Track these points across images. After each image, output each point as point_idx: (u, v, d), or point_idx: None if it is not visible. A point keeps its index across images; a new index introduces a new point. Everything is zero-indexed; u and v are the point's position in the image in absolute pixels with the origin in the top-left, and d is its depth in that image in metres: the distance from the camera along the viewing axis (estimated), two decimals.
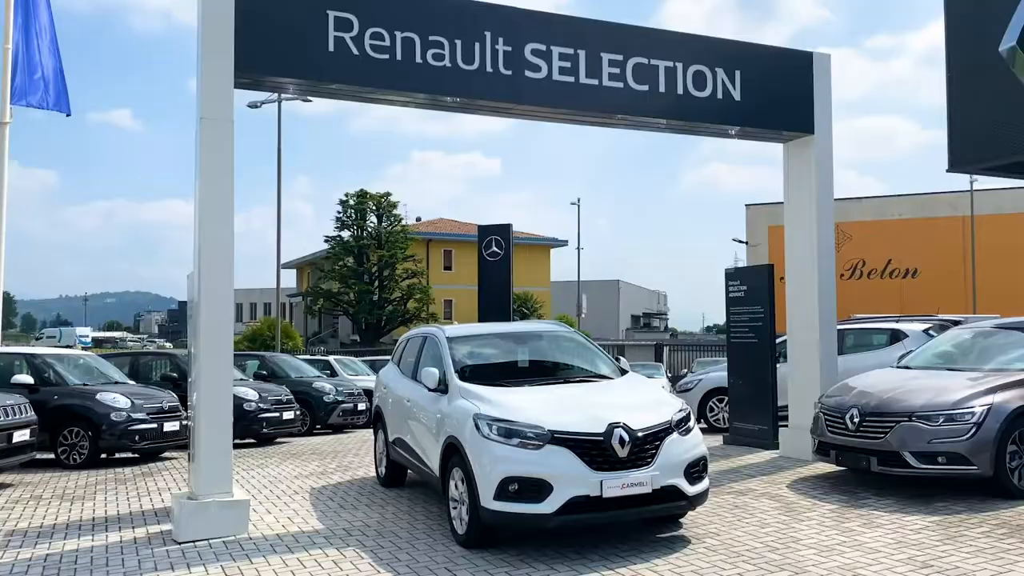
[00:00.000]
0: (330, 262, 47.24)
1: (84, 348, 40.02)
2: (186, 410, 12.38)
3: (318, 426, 16.62)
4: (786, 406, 10.65)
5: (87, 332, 75.96)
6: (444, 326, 8.22)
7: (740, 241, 41.31)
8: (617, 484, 5.91)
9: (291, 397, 14.94)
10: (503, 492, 5.97)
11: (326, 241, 47.05)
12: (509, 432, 6.10)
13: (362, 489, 9.06)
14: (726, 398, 12.35)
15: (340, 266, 46.27)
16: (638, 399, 6.73)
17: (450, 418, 6.77)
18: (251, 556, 6.42)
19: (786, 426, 10.27)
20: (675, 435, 6.29)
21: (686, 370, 27.57)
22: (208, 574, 6.01)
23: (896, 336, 12.38)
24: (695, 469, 6.32)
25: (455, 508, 6.59)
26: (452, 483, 6.63)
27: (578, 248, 48.70)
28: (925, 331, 12.30)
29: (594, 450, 5.98)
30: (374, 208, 46.95)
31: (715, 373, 13.41)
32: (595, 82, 8.81)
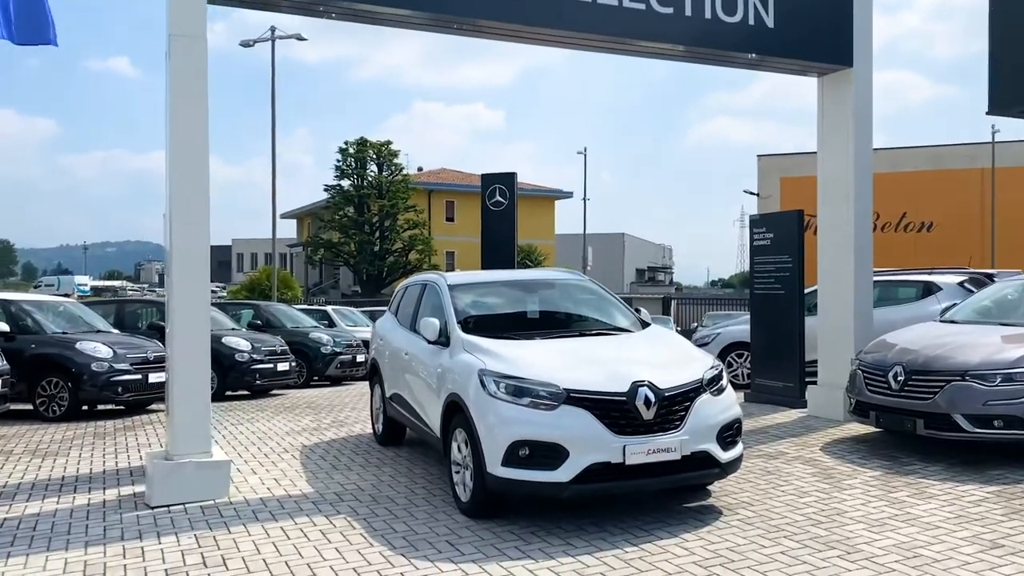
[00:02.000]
0: (330, 212, 46.38)
1: (81, 297, 39.37)
2: None
3: (315, 378, 16.00)
4: (813, 362, 9.93)
5: (86, 281, 75.25)
6: (446, 273, 7.45)
7: (751, 193, 40.35)
8: (642, 450, 5.20)
9: (286, 348, 14.28)
10: (512, 457, 5.26)
11: (326, 190, 46.18)
12: (519, 390, 5.37)
13: (357, 447, 8.38)
14: (746, 353, 11.62)
15: (340, 216, 45.41)
16: (664, 354, 5.98)
17: (452, 373, 6.04)
18: (230, 524, 5.75)
19: (814, 383, 9.55)
20: (707, 395, 5.56)
21: (696, 324, 26.85)
22: (179, 545, 5.33)
23: (929, 289, 11.59)
24: (729, 433, 5.61)
25: (458, 472, 5.90)
26: (455, 445, 5.93)
27: (584, 199, 47.83)
28: (960, 284, 11.52)
29: (616, 411, 5.26)
30: (374, 157, 45.94)
31: (735, 327, 12.66)
32: (614, 2, 7.91)
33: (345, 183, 45.94)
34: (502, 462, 5.28)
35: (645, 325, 6.72)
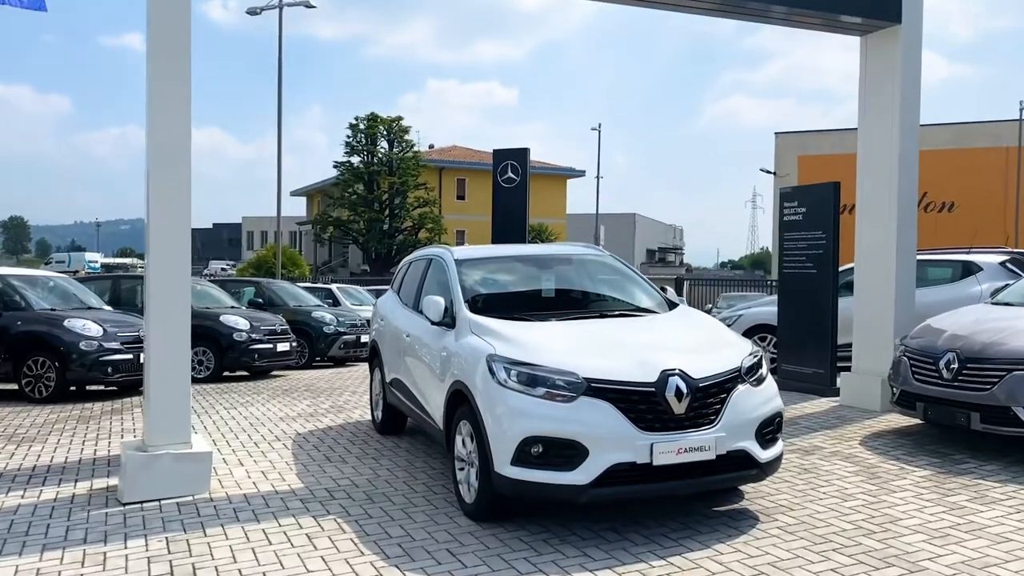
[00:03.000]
0: (339, 188, 45.70)
1: (90, 274, 38.90)
2: None
3: (318, 359, 15.41)
4: (844, 346, 9.25)
5: (96, 257, 74.93)
6: (453, 247, 6.79)
7: (768, 172, 39.42)
8: (672, 448, 4.55)
9: (287, 327, 13.68)
10: (523, 456, 4.62)
11: (335, 167, 45.42)
12: (532, 379, 4.72)
13: (355, 436, 7.76)
14: (770, 336, 10.93)
15: (349, 193, 44.74)
16: (696, 338, 5.32)
17: (457, 358, 5.40)
18: (207, 525, 5.14)
19: (848, 370, 8.86)
20: (745, 385, 4.90)
21: (710, 305, 26.12)
22: (147, 550, 4.72)
23: (968, 269, 10.85)
24: (769, 429, 4.95)
25: (462, 470, 5.27)
26: (459, 439, 5.29)
27: (597, 176, 46.99)
28: (1002, 264, 10.78)
29: (643, 404, 4.60)
30: (385, 133, 45.17)
31: (758, 308, 11.95)
32: None
33: (355, 159, 45.23)
34: (512, 460, 4.64)
35: (673, 306, 6.05)
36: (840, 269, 9.42)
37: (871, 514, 5.10)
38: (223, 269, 60.66)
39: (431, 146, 54.10)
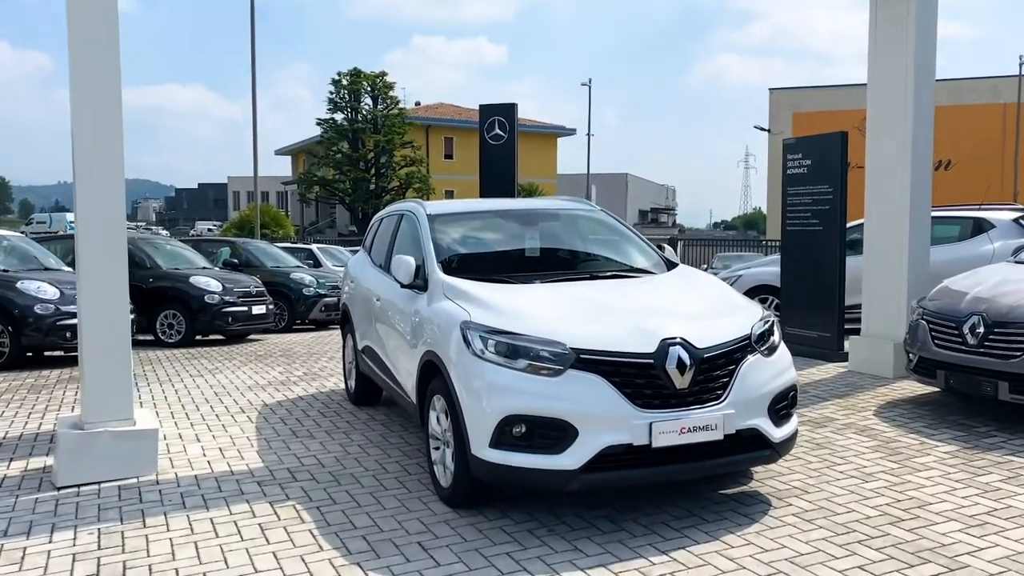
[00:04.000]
0: (324, 147, 44.67)
1: (70, 233, 37.99)
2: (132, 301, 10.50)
3: (297, 321, 14.77)
4: (853, 307, 8.68)
5: None
6: (427, 201, 6.13)
7: (762, 129, 38.65)
8: (673, 428, 3.96)
9: (262, 289, 13.03)
10: (504, 437, 4.02)
11: (319, 124, 44.32)
12: (513, 350, 4.10)
13: (326, 407, 7.16)
14: (772, 298, 10.34)
15: (334, 152, 43.73)
16: (700, 303, 4.70)
17: (429, 325, 4.78)
18: (148, 512, 4.55)
19: (856, 333, 8.29)
20: (756, 355, 4.31)
21: (705, 266, 25.52)
22: (75, 545, 4.13)
23: (980, 226, 10.25)
24: (783, 404, 4.37)
25: (437, 449, 4.68)
26: (432, 415, 4.70)
27: (588, 134, 46.05)
28: (1015, 221, 10.20)
29: (640, 378, 4.00)
30: (369, 89, 44.04)
31: (759, 268, 11.35)
32: None
33: (339, 117, 44.13)
34: (491, 442, 4.04)
35: (672, 266, 5.43)
36: (848, 226, 8.80)
37: (896, 497, 4.54)
38: (209, 230, 59.73)
39: (417, 103, 53.01)
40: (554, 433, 3.95)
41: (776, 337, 4.51)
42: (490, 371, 4.09)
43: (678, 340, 4.07)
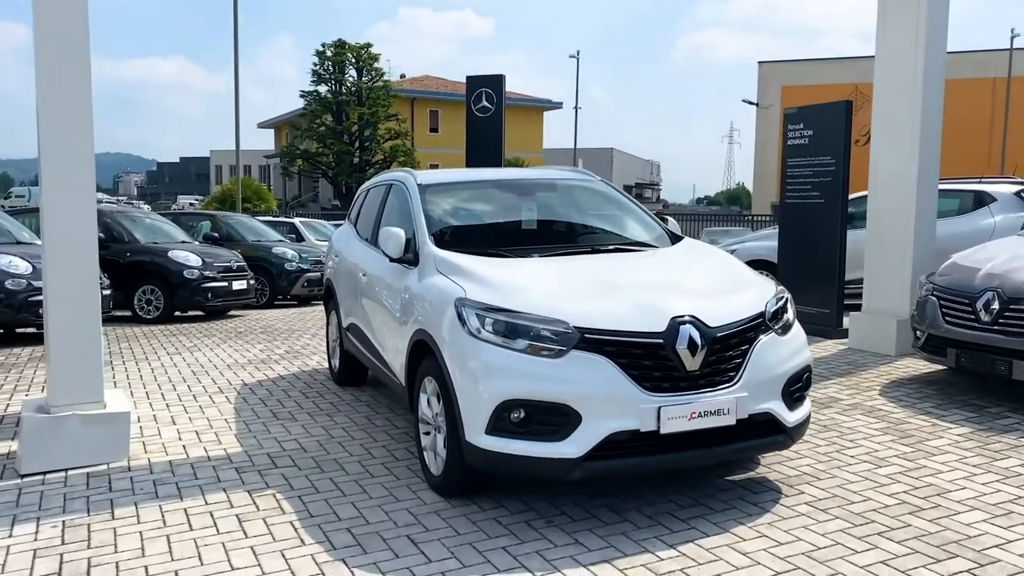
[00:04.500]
0: (307, 120, 43.98)
1: None
2: (104, 276, 10.13)
3: (279, 297, 14.42)
4: (852, 282, 8.44)
5: None
6: (417, 170, 5.78)
7: (751, 103, 38.31)
8: (683, 412, 3.68)
9: (243, 263, 12.65)
10: (501, 423, 3.73)
11: (302, 96, 43.60)
12: (512, 329, 3.80)
13: (309, 387, 6.85)
14: (769, 273, 10.05)
15: (317, 124, 43.06)
16: (709, 278, 4.41)
17: (420, 302, 4.47)
18: (118, 503, 4.24)
19: (855, 309, 8.05)
20: (770, 334, 4.03)
21: None
22: (36, 540, 3.82)
23: (981, 199, 10.02)
24: (797, 386, 4.10)
25: (427, 435, 4.39)
26: (423, 398, 4.40)
27: (576, 107, 45.59)
28: (1016, 194, 9.97)
29: (648, 359, 3.71)
30: (353, 61, 43.32)
31: (755, 242, 11.08)
32: None
33: (322, 89, 43.42)
34: (487, 429, 3.75)
35: (676, 239, 5.13)
36: (850, 198, 8.54)
37: (913, 484, 4.30)
38: (191, 204, 58.87)
39: (402, 76, 52.30)
40: (555, 419, 3.66)
41: (790, 314, 4.24)
42: (487, 352, 3.79)
43: (689, 318, 3.79)
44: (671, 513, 3.95)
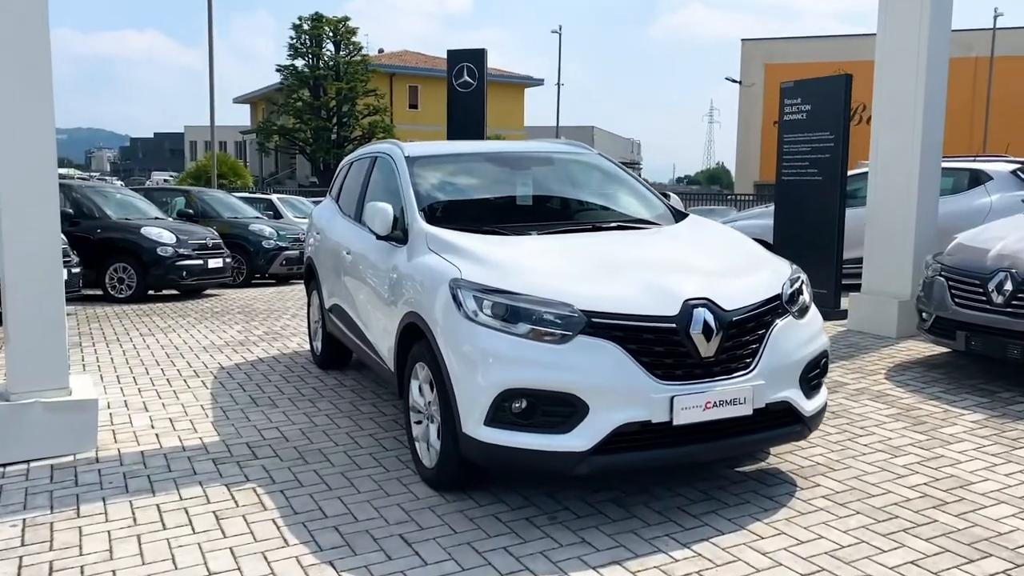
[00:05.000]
0: (284, 95, 43.19)
1: None
2: (73, 253, 9.73)
3: (257, 276, 14.04)
4: (850, 262, 8.23)
5: None
6: (404, 142, 5.45)
7: (733, 81, 38.05)
8: (698, 402, 3.41)
9: (219, 241, 12.25)
10: (501, 414, 3.45)
11: (278, 70, 42.79)
12: (513, 312, 3.51)
13: (290, 371, 6.54)
14: None
15: (294, 99, 42.31)
16: (721, 258, 4.13)
17: (410, 282, 4.17)
18: (84, 498, 3.93)
19: (856, 289, 7.84)
20: (787, 318, 3.77)
21: None
22: None
23: (977, 178, 9.85)
24: (815, 373, 3.85)
25: (419, 423, 4.11)
26: (414, 385, 4.11)
27: (558, 84, 45.22)
28: (1013, 173, 9.80)
29: (660, 345, 3.44)
30: (331, 34, 42.53)
31: (748, 220, 10.84)
32: None
33: (299, 63, 42.63)
34: (486, 420, 3.47)
35: (680, 216, 4.85)
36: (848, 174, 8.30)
37: (933, 475, 4.07)
38: (166, 180, 57.84)
39: (380, 51, 51.48)
40: (561, 409, 3.38)
41: (807, 296, 3.98)
42: (485, 337, 3.50)
43: (703, 301, 3.52)
44: (682, 508, 3.70)
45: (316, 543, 3.42)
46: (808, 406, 3.75)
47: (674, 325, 3.44)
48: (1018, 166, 9.92)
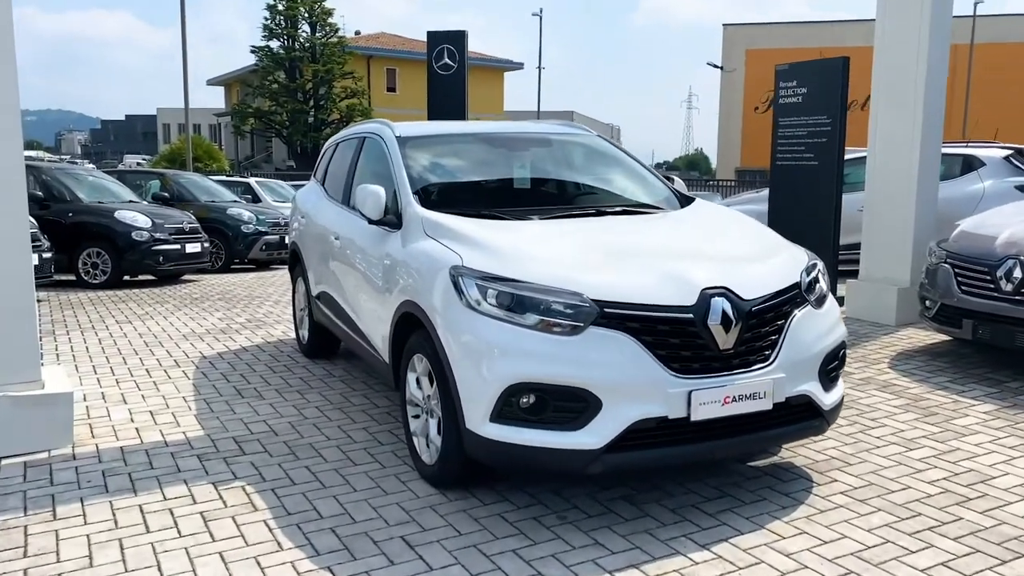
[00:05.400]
0: (259, 76, 42.47)
1: None
2: (44, 238, 9.40)
3: (236, 261, 13.71)
4: (846, 247, 8.08)
5: None
6: (394, 123, 5.19)
7: (715, 66, 37.90)
8: (716, 397, 3.23)
9: (196, 225, 11.92)
10: (508, 409, 3.25)
11: (253, 51, 42.06)
12: (520, 301, 3.30)
13: (275, 360, 6.30)
14: None
15: (270, 82, 41.63)
16: (735, 244, 3.94)
17: (406, 269, 3.94)
18: (60, 499, 3.69)
19: (853, 276, 7.71)
20: (806, 308, 3.59)
21: None
22: None
23: (970, 164, 9.74)
24: (833, 365, 3.68)
25: (416, 418, 3.90)
26: (411, 378, 3.90)
27: (539, 67, 44.75)
28: (1005, 158, 9.70)
29: (676, 337, 3.25)
30: (306, 15, 41.85)
31: (741, 206, 10.66)
32: None
33: (275, 44, 41.94)
34: (491, 416, 3.27)
35: (686, 201, 4.65)
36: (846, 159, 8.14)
37: (951, 470, 3.93)
38: (138, 163, 56.92)
39: (357, 32, 50.80)
40: (572, 404, 3.19)
41: (825, 284, 3.81)
42: (490, 328, 3.29)
43: (721, 290, 3.33)
44: (696, 506, 3.53)
45: (312, 547, 3.21)
46: (827, 400, 3.58)
47: (691, 316, 3.25)
48: (1010, 152, 9.82)
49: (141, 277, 11.44)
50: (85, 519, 3.48)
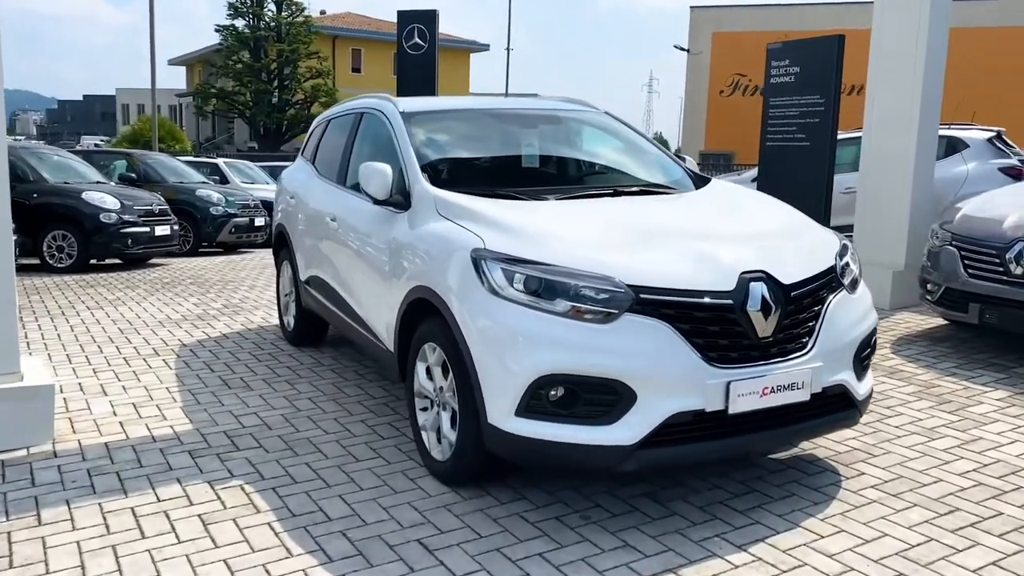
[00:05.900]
0: (222, 56, 41.50)
1: None
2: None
3: (204, 244, 13.31)
4: (835, 229, 7.99)
5: None
6: (397, 97, 4.91)
7: (681, 48, 37.79)
8: (755, 388, 3.05)
9: (166, 207, 11.52)
10: (536, 403, 3.04)
11: (217, 31, 41.09)
12: (548, 286, 3.09)
13: (259, 348, 6.02)
14: None
15: (233, 61, 40.69)
16: (764, 225, 3.76)
17: (418, 252, 3.71)
18: (44, 501, 3.41)
19: None
20: (841, 293, 3.43)
21: None
22: None
23: (953, 146, 9.68)
24: (866, 353, 3.53)
25: (425, 411, 3.68)
26: (420, 368, 3.67)
27: (508, 48, 44.30)
28: (989, 140, 9.68)
29: (714, 324, 3.06)
30: None
31: None
32: None
33: (239, 23, 40.98)
34: (517, 409, 3.05)
35: (703, 181, 4.47)
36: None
37: (979, 460, 3.82)
38: (96, 145, 55.53)
39: (322, 12, 49.89)
40: (605, 397, 2.99)
41: (857, 268, 3.65)
42: (516, 315, 3.08)
43: (760, 274, 3.15)
44: (725, 503, 3.37)
45: (324, 552, 2.99)
46: (861, 389, 3.43)
47: (731, 301, 3.07)
48: (993, 134, 9.80)
49: (108, 261, 11.02)
50: (73, 524, 3.22)
